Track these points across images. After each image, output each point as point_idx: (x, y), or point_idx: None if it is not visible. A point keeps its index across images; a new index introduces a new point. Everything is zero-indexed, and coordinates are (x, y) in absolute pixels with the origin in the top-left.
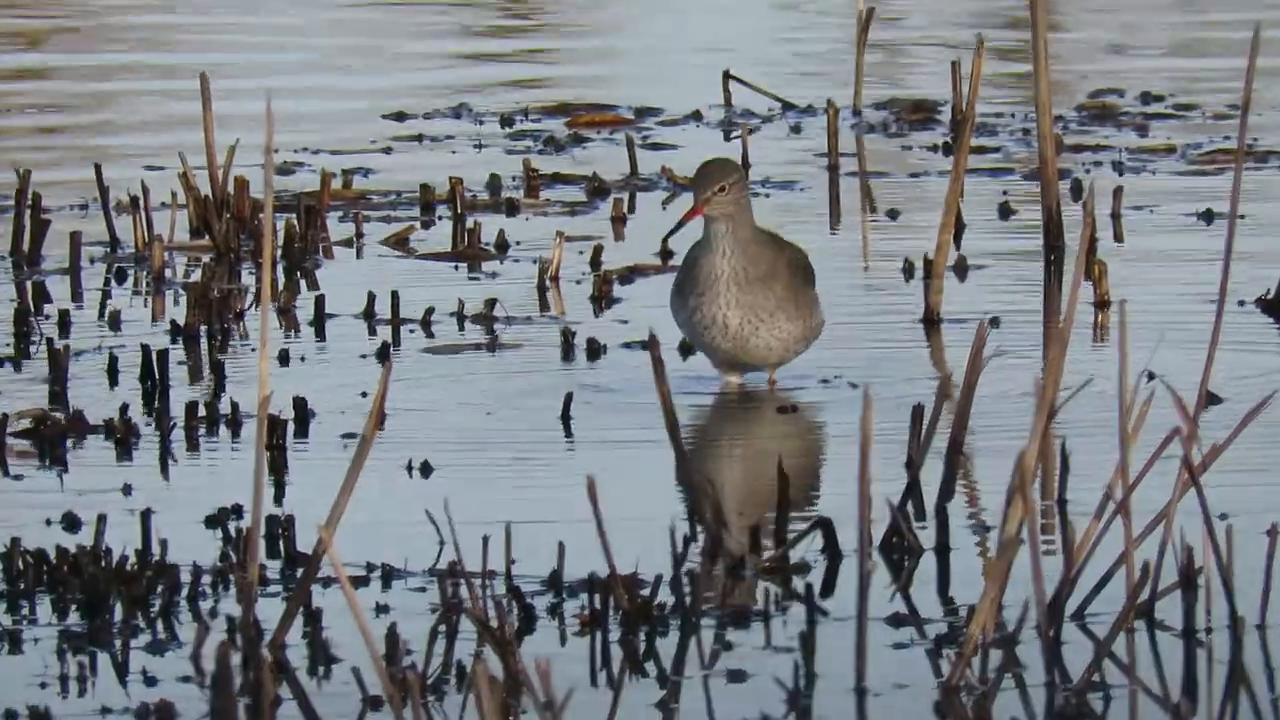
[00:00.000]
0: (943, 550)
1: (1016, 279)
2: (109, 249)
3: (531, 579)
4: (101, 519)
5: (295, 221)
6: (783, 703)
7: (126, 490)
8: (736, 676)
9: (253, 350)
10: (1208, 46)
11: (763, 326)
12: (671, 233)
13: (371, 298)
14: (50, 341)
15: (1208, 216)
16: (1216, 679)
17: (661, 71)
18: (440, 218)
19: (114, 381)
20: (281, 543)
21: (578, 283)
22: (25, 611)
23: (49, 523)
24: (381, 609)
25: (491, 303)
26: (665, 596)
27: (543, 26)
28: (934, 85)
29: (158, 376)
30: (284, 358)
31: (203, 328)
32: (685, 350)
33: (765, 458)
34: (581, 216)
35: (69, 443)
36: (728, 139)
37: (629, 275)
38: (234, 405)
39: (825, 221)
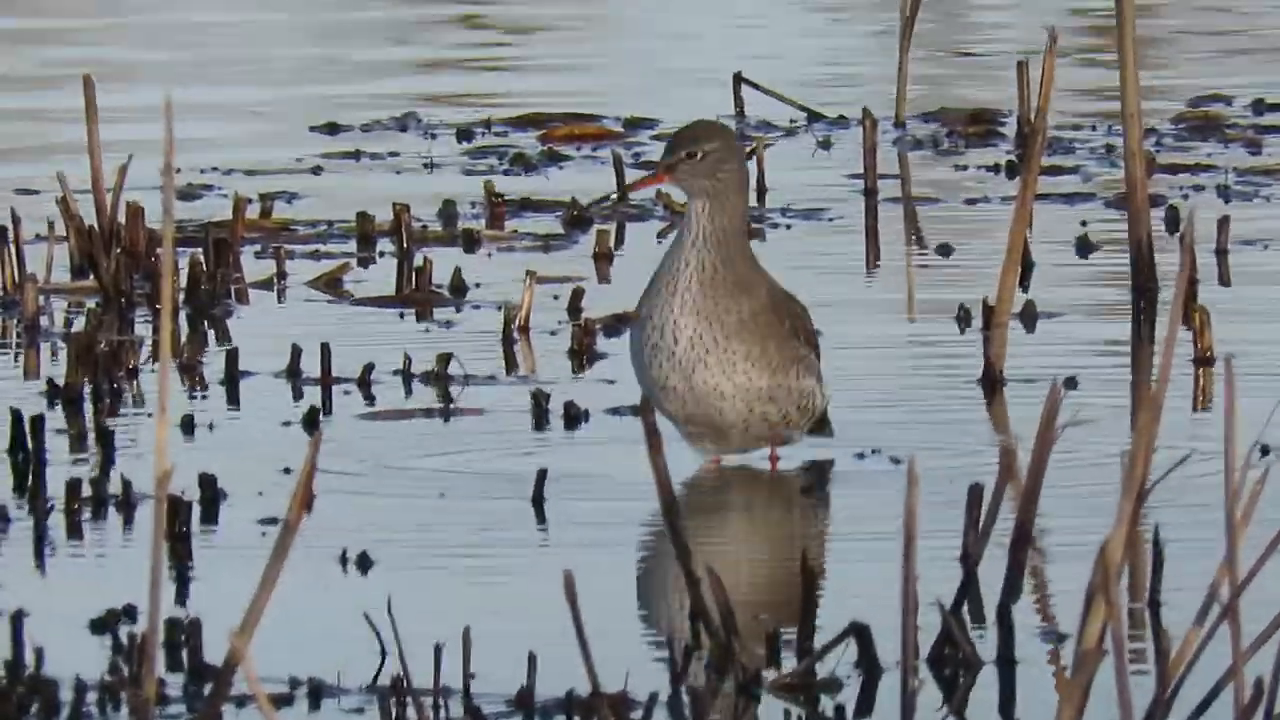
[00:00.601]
0: (1006, 663)
1: (1097, 330)
2: None
3: (495, 698)
4: None
5: (202, 258)
6: None
7: None
8: None
9: (149, 416)
10: None
11: (712, 353)
12: (610, 197)
13: (296, 352)
14: None
15: None
16: None
17: (656, 76)
18: (382, 253)
19: None
20: (185, 653)
21: (552, 334)
22: None
23: None
24: None
25: (446, 359)
26: (662, 719)
27: (508, 25)
28: (995, 91)
29: (31, 448)
30: (188, 425)
31: (87, 388)
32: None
33: (786, 549)
34: (557, 252)
35: None
36: None
37: (615, 325)
38: (126, 484)
39: (861, 259)
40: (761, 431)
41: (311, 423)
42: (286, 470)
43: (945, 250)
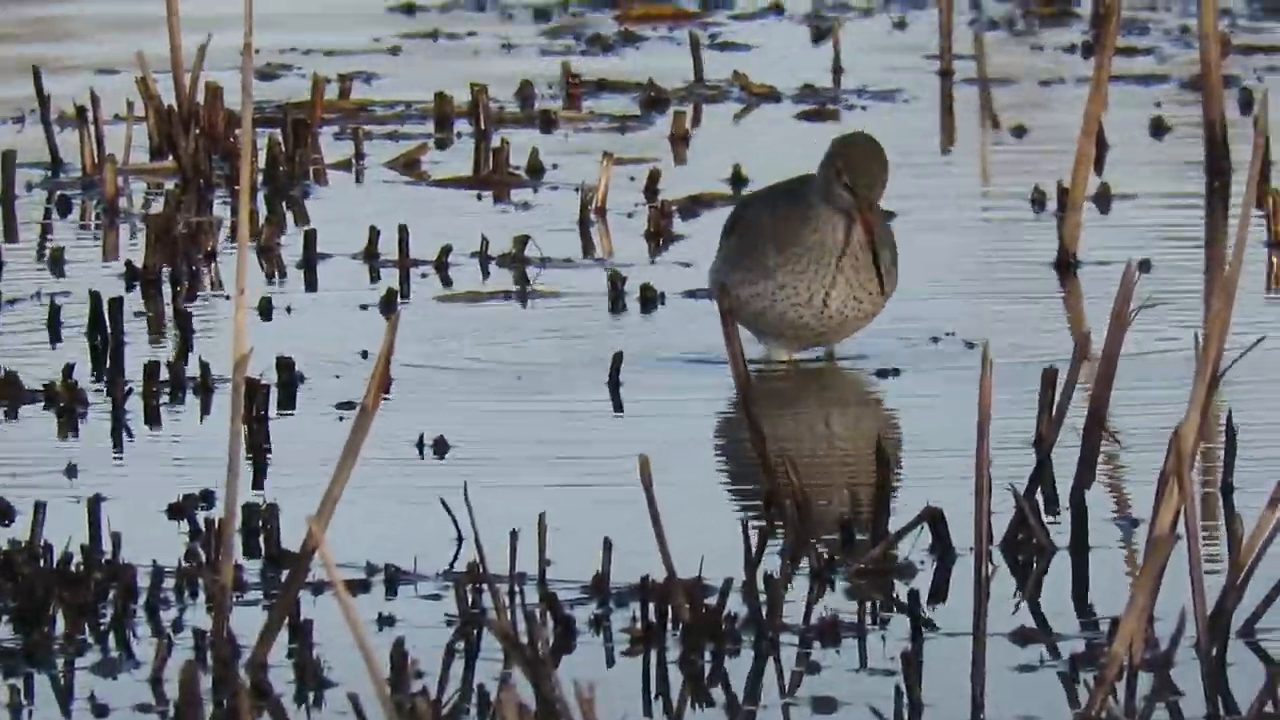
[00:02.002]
0: (1080, 550)
1: (1172, 212)
2: (50, 172)
3: (571, 584)
4: (40, 508)
5: (280, 139)
6: None
7: (71, 472)
8: (825, 705)
9: (227, 299)
10: None
11: (860, 309)
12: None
13: (374, 234)
14: None
15: None
16: None
17: None
18: (459, 135)
19: (56, 336)
20: (262, 538)
21: (629, 216)
22: None
23: None
24: (385, 621)
25: (523, 240)
26: (736, 606)
27: None
28: None
29: (110, 331)
30: (265, 309)
31: (165, 270)
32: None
33: (860, 435)
34: (634, 133)
35: (0, 412)
36: (816, 39)
37: (692, 207)
38: (204, 367)
39: (936, 141)
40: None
41: (389, 305)
42: (364, 354)
43: (1020, 132)
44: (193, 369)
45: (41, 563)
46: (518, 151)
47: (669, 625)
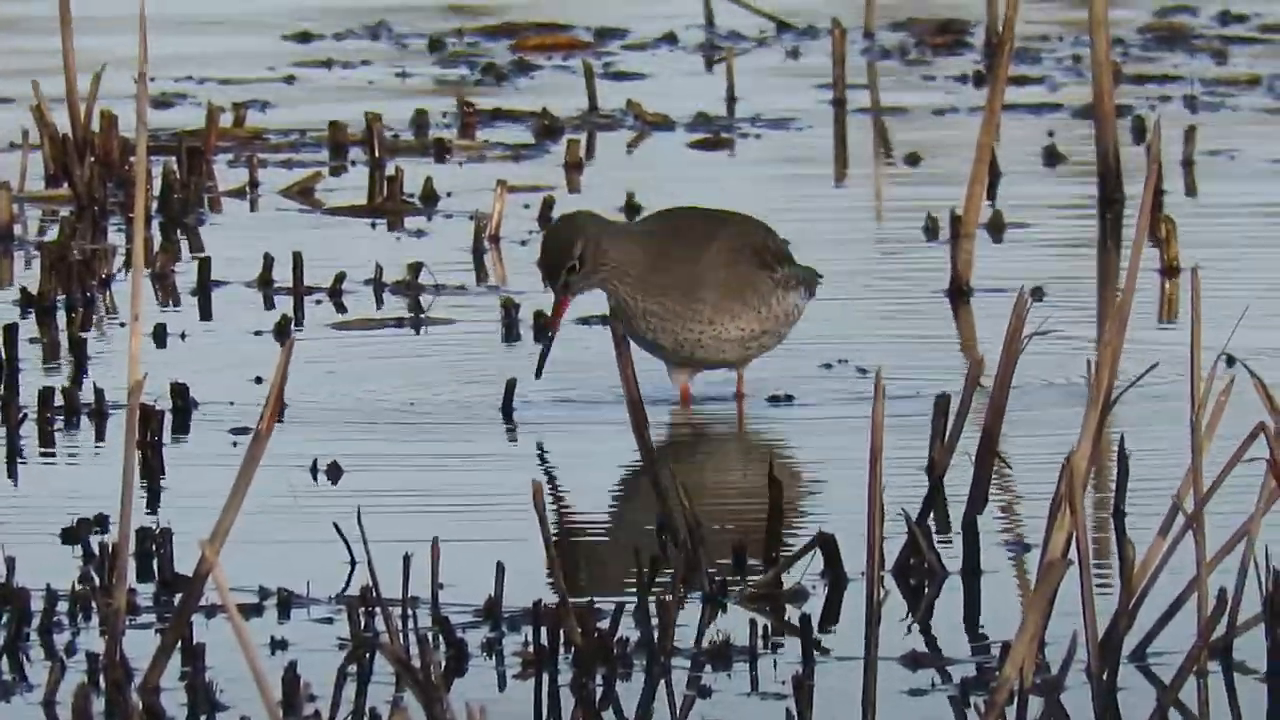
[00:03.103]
0: (971, 574)
1: (1065, 240)
2: None
3: (463, 608)
4: None
5: (175, 167)
6: None
7: None
8: None
9: (122, 325)
10: None
11: (702, 339)
12: (550, 341)
13: (269, 261)
14: None
15: None
16: None
17: None
18: (354, 163)
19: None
20: (155, 562)
21: (523, 244)
22: None
23: None
24: (278, 644)
25: (416, 268)
26: (628, 630)
27: None
28: (963, 2)
29: (4, 357)
30: (160, 335)
31: (60, 297)
32: None
33: (753, 459)
34: (528, 162)
35: None
36: (709, 66)
37: None
38: (98, 393)
39: (829, 169)
40: (751, 355)
41: (283, 332)
42: (258, 380)
43: (914, 160)
44: (87, 395)
45: None
46: (412, 180)
47: (561, 649)
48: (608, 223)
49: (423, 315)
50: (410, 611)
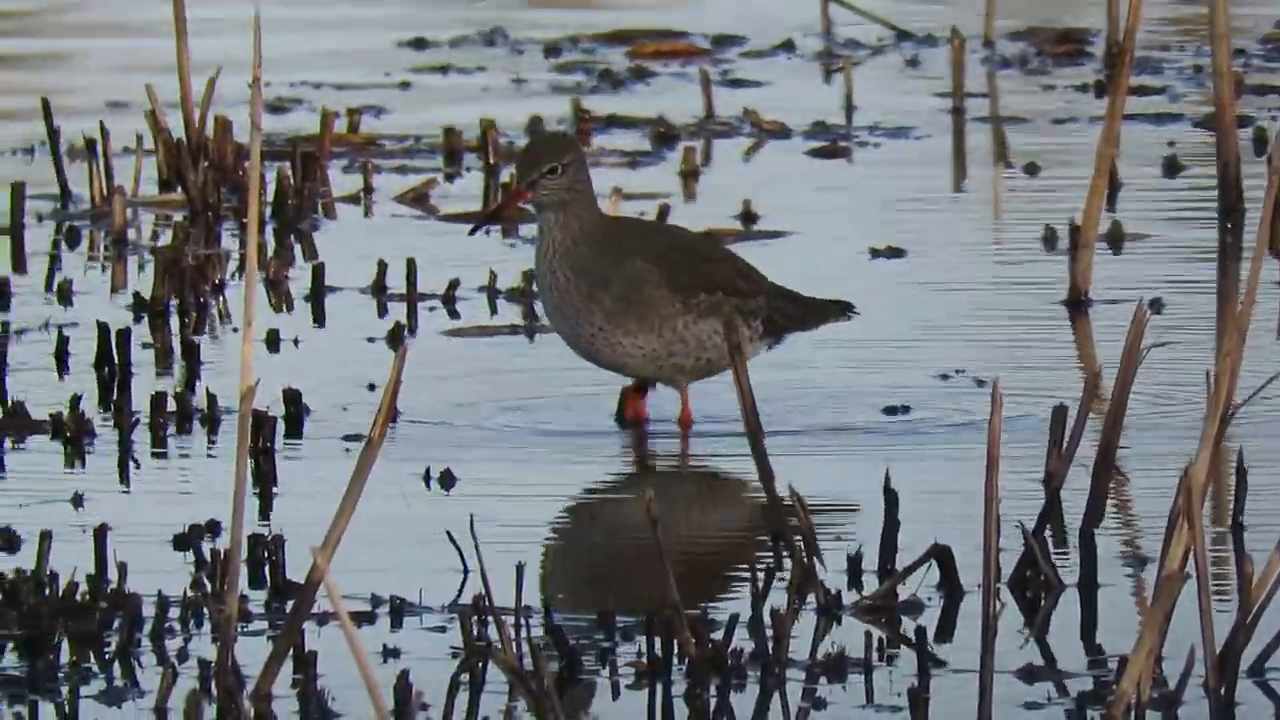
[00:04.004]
0: (1088, 587)
1: (1184, 251)
2: (59, 204)
3: (577, 618)
4: (46, 537)
5: (289, 172)
6: None
7: (77, 501)
8: None
9: (235, 331)
10: None
11: (597, 339)
12: (478, 225)
13: (382, 268)
14: None
15: None
16: None
17: None
18: (468, 169)
19: (63, 368)
20: (267, 569)
21: None
22: None
23: None
24: (390, 653)
25: (530, 275)
26: (742, 641)
27: None
28: (1085, 11)
29: (117, 362)
30: (273, 341)
31: (173, 302)
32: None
33: (868, 470)
34: (644, 169)
35: (7, 443)
36: (827, 75)
37: None
38: (211, 398)
39: (947, 178)
40: (692, 367)
41: (396, 338)
42: (371, 386)
43: (1032, 170)
44: (200, 400)
45: (47, 592)
46: None
47: (675, 659)
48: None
49: (536, 322)
50: (523, 621)
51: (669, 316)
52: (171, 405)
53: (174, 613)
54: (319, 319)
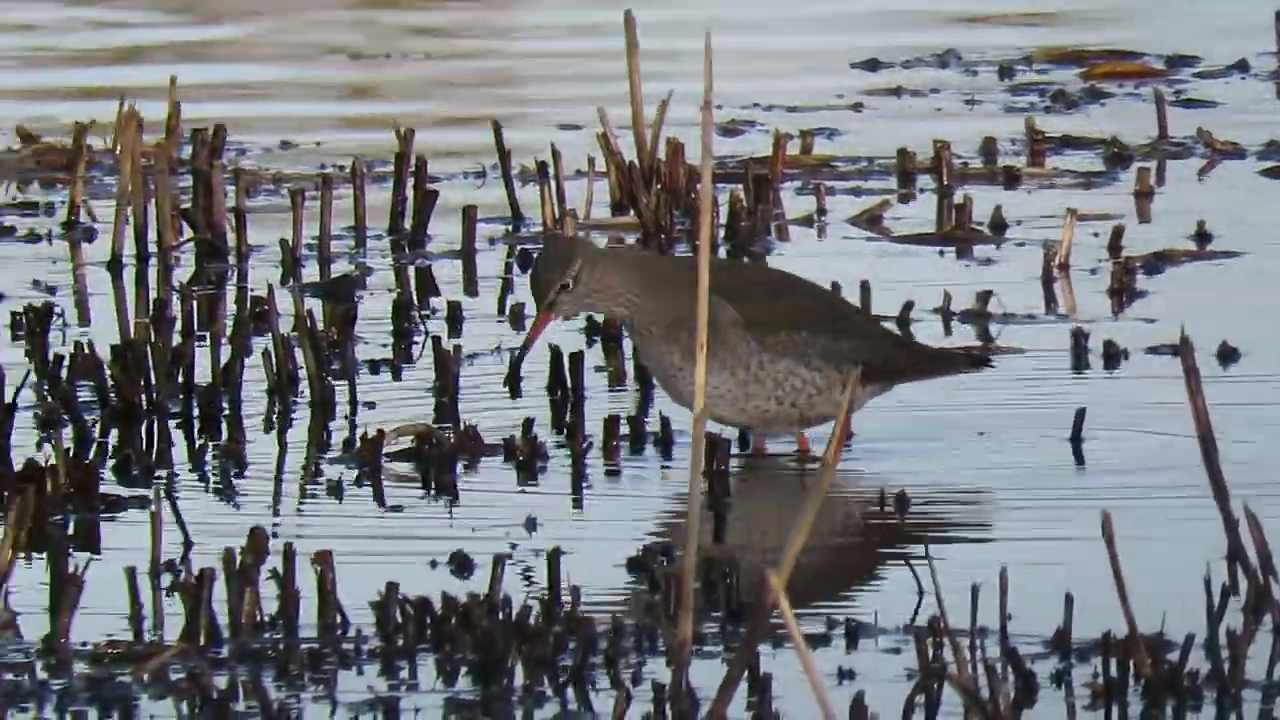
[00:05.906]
0: None
1: None
2: (511, 227)
3: (1032, 639)
4: (499, 561)
5: (742, 194)
6: None
7: (531, 525)
8: None
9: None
10: None
11: (679, 377)
12: (522, 356)
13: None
14: (437, 341)
15: None
16: None
17: (1198, 9)
18: (922, 190)
19: (515, 391)
20: (722, 591)
21: (1092, 272)
22: (404, 674)
23: (434, 564)
24: (845, 674)
25: (985, 296)
26: (1198, 662)
27: None
28: None
29: (570, 385)
30: None
31: None
32: (1222, 357)
33: None
34: (1098, 190)
35: (459, 466)
36: None
37: (1156, 263)
38: (664, 420)
39: None
40: (777, 413)
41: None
42: None
43: None
44: (653, 422)
45: (500, 615)
46: (981, 207)
47: (1130, 681)
48: (605, 250)
49: (991, 344)
50: (978, 642)
51: (743, 355)
52: (625, 428)
53: (628, 636)
54: None
